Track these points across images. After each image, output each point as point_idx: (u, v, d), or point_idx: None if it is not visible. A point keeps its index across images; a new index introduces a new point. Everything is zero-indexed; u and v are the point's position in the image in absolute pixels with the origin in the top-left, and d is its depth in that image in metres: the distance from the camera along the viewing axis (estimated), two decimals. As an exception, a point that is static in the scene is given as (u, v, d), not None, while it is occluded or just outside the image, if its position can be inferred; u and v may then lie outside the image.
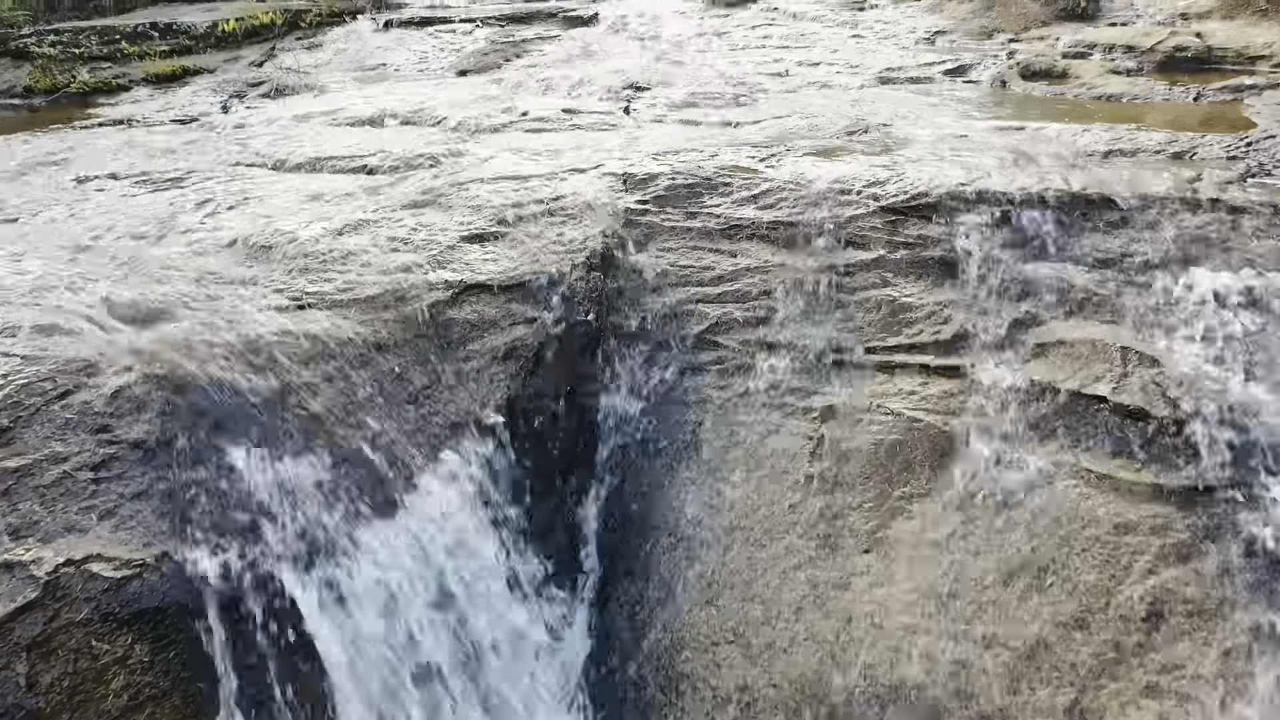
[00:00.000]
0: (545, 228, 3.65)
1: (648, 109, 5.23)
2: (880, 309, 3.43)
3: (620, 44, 7.17)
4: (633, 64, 6.32)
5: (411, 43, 7.54)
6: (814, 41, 6.88)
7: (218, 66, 6.95)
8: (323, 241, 3.47)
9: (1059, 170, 3.88)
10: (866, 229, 3.62)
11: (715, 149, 4.31)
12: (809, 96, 5.47)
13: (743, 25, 7.54)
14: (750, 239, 3.70)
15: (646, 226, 3.76)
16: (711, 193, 3.89)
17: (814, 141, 4.43)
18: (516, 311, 3.32)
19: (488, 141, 4.71)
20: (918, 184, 3.74)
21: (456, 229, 3.59)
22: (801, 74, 6.03)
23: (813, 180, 3.85)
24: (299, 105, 5.74)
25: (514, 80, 6.15)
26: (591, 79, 5.85)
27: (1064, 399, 3.02)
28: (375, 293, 3.20)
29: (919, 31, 6.99)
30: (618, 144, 4.52)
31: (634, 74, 5.97)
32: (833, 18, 7.48)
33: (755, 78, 5.90)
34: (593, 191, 3.88)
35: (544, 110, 5.16)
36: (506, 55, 6.89)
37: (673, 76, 5.93)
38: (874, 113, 4.96)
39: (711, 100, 5.33)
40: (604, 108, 5.27)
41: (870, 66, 6.11)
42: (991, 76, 5.76)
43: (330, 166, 4.43)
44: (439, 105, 5.47)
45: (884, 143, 4.39)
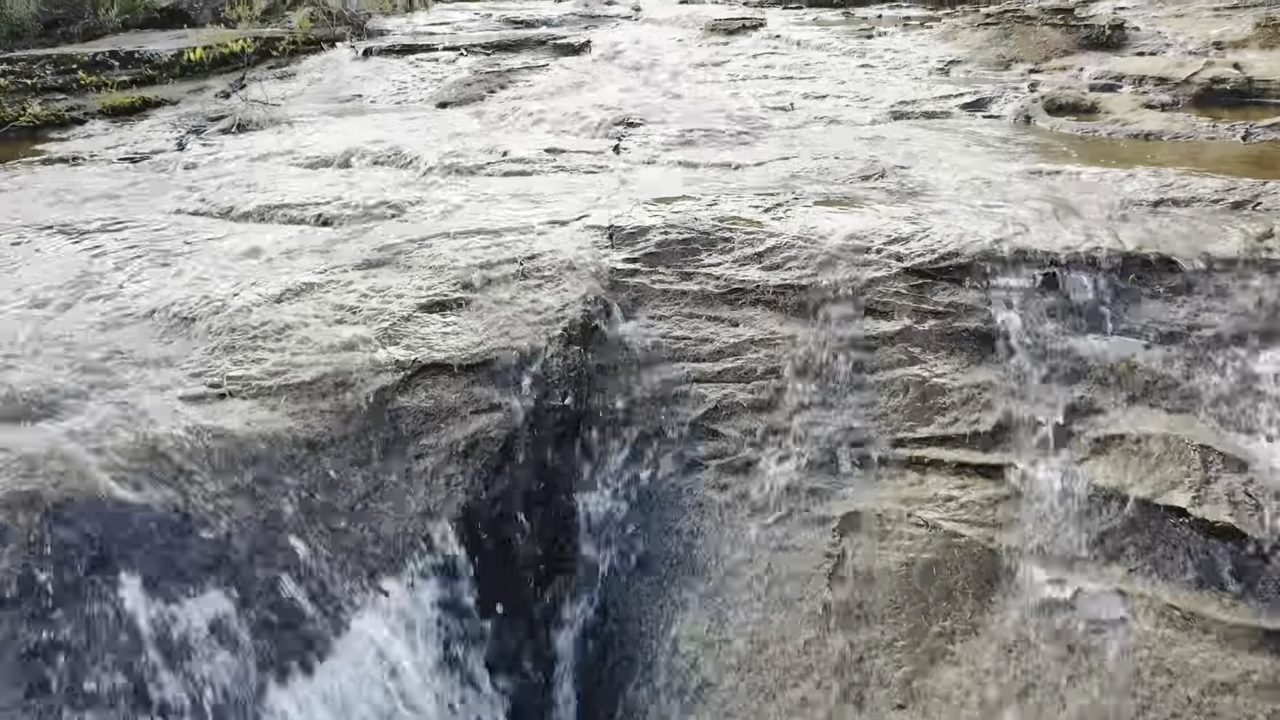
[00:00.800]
0: (517, 293, 3.16)
1: (640, 148, 4.75)
2: (907, 392, 2.93)
3: (613, 74, 6.71)
4: (625, 96, 5.86)
5: (391, 72, 7.09)
6: (820, 72, 6.43)
7: (181, 98, 6.49)
8: (257, 311, 2.98)
9: (1106, 224, 3.40)
10: (889, 295, 3.13)
11: (714, 196, 3.83)
12: (817, 134, 4.99)
13: (743, 54, 7.09)
14: (754, 305, 3.21)
15: (635, 290, 3.26)
16: (710, 249, 3.40)
17: (825, 188, 3.95)
18: (480, 397, 2.82)
19: (461, 186, 4.23)
20: (946, 241, 3.25)
21: (414, 295, 3.10)
22: (808, 108, 5.56)
23: (825, 236, 3.36)
24: (261, 142, 5.26)
25: (497, 113, 5.68)
26: (580, 113, 5.38)
27: (1133, 511, 2.52)
28: (312, 376, 2.70)
29: (932, 61, 6.53)
30: (605, 189, 4.04)
31: (626, 107, 5.50)
32: (839, 46, 7.03)
33: (758, 112, 5.43)
34: (574, 248, 3.39)
35: (526, 149, 4.69)
36: (491, 86, 6.44)
37: (668, 110, 5.47)
38: (889, 153, 4.48)
39: (710, 138, 4.85)
40: (592, 146, 4.79)
41: (882, 99, 5.65)
42: (1014, 111, 5.29)
43: (282, 216, 3.94)
44: (413, 142, 4.99)
45: (903, 189, 3.91)
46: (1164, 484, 2.54)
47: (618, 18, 9.06)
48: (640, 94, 5.91)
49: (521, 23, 8.83)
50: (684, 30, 8.23)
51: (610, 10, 9.40)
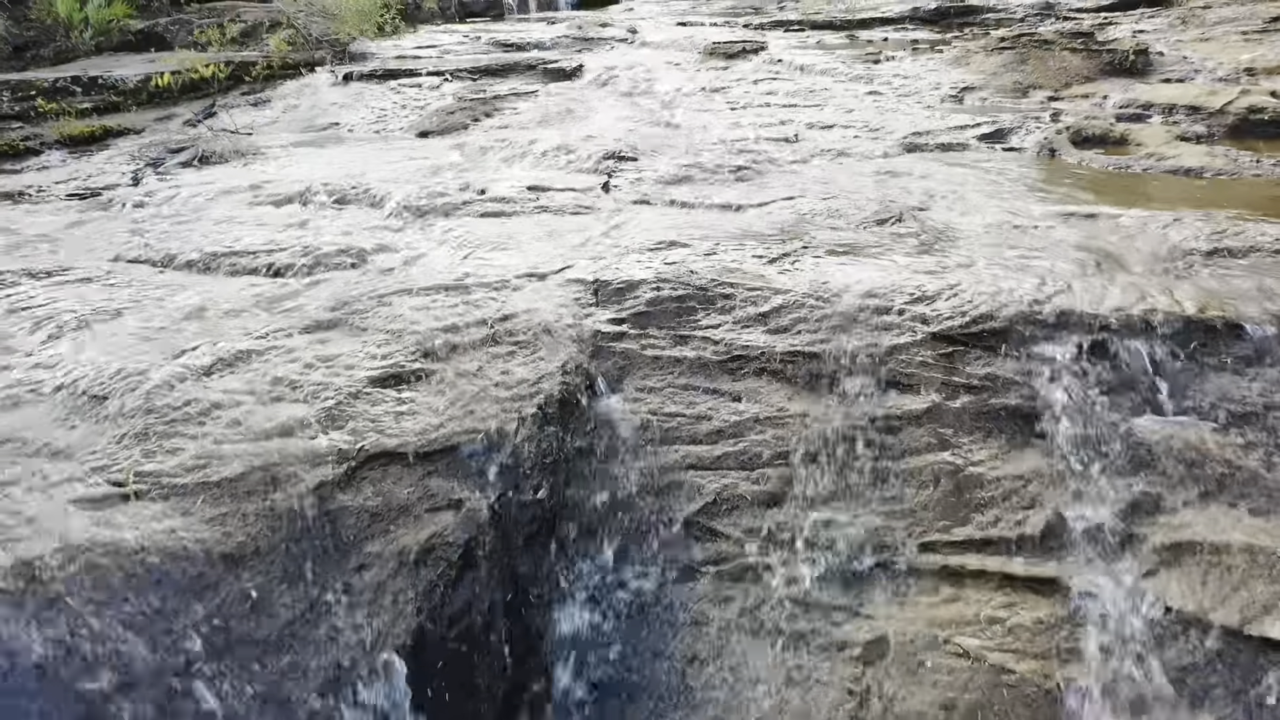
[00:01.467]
0: (486, 362, 2.74)
1: (631, 185, 4.35)
2: (939, 483, 2.51)
3: (605, 101, 6.33)
4: (617, 126, 5.46)
5: (371, 99, 6.70)
6: (826, 99, 6.04)
7: (146, 127, 6.10)
8: (181, 388, 2.56)
9: (1158, 280, 3.00)
10: (914, 365, 2.72)
11: (713, 243, 3.43)
12: (824, 169, 4.59)
13: (744, 80, 6.71)
14: (759, 376, 2.79)
15: (622, 357, 2.85)
16: (708, 308, 2.99)
17: (835, 234, 3.54)
18: (438, 491, 2.40)
19: (432, 229, 3.82)
20: (977, 301, 2.84)
21: (366, 365, 2.68)
22: (813, 139, 5.16)
23: (839, 292, 2.95)
24: (222, 176, 4.86)
25: (479, 145, 5.29)
26: (568, 145, 4.99)
27: (1217, 642, 2.10)
28: (237, 471, 2.28)
29: (944, 88, 6.15)
30: (591, 235, 3.63)
31: (618, 138, 5.11)
32: (845, 71, 6.65)
33: (760, 144, 5.03)
34: (553, 306, 2.98)
35: (507, 186, 4.28)
36: (475, 114, 6.05)
37: (663, 142, 5.07)
38: (905, 191, 4.08)
39: (708, 174, 4.45)
40: (579, 183, 4.39)
41: (893, 130, 5.26)
42: (1037, 143, 4.89)
43: (229, 265, 3.53)
44: (385, 177, 4.59)
45: (924, 235, 3.51)
46: (1252, 607, 2.12)
47: (612, 40, 8.70)
48: (633, 124, 5.52)
49: (511, 46, 8.46)
50: (681, 54, 7.87)
51: (604, 33, 9.04)
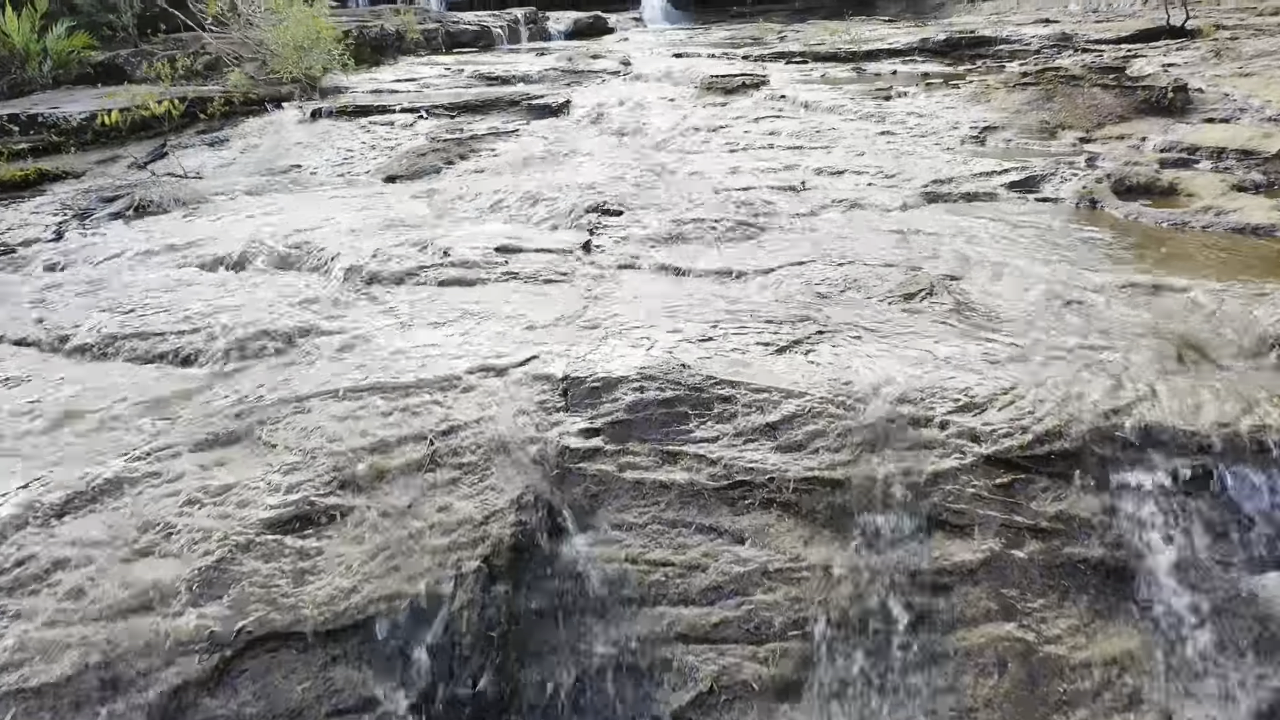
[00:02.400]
0: (421, 494, 2.17)
1: (616, 245, 3.79)
2: (1005, 670, 1.92)
3: (593, 141, 5.78)
4: (605, 171, 4.91)
5: (339, 138, 6.16)
6: (834, 139, 5.50)
7: (87, 170, 5.55)
8: (17, 536, 1.98)
9: (1260, 380, 2.43)
10: (964, 498, 2.14)
11: (709, 323, 2.85)
12: (836, 224, 4.03)
13: (744, 117, 6.17)
14: (767, 509, 2.21)
15: (596, 482, 2.27)
16: (703, 415, 2.41)
17: (855, 311, 2.97)
18: (343, 686, 1.82)
19: (379, 303, 3.25)
20: (1040, 410, 2.27)
21: (265, 503, 2.10)
22: (822, 187, 4.61)
23: (865, 397, 2.38)
24: (155, 231, 4.30)
25: (450, 193, 4.73)
26: (548, 194, 4.43)
27: None
28: (65, 671, 1.71)
29: (963, 127, 5.61)
30: (565, 312, 3.06)
31: (604, 186, 4.55)
32: (853, 108, 6.12)
33: (762, 193, 4.48)
34: (511, 413, 2.40)
35: (474, 246, 3.72)
36: (449, 155, 5.50)
37: (654, 191, 4.51)
38: (932, 254, 3.52)
39: (705, 231, 3.89)
40: (557, 242, 3.83)
41: (911, 176, 4.70)
42: (1075, 193, 4.34)
43: (130, 350, 2.95)
44: (337, 233, 4.03)
45: (961, 314, 2.93)
46: None
47: (604, 74, 8.19)
48: (622, 168, 4.96)
49: (495, 79, 7.95)
50: (676, 88, 7.35)
51: (596, 65, 8.53)
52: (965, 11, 15.83)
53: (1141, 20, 9.80)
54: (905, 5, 16.97)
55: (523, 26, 12.47)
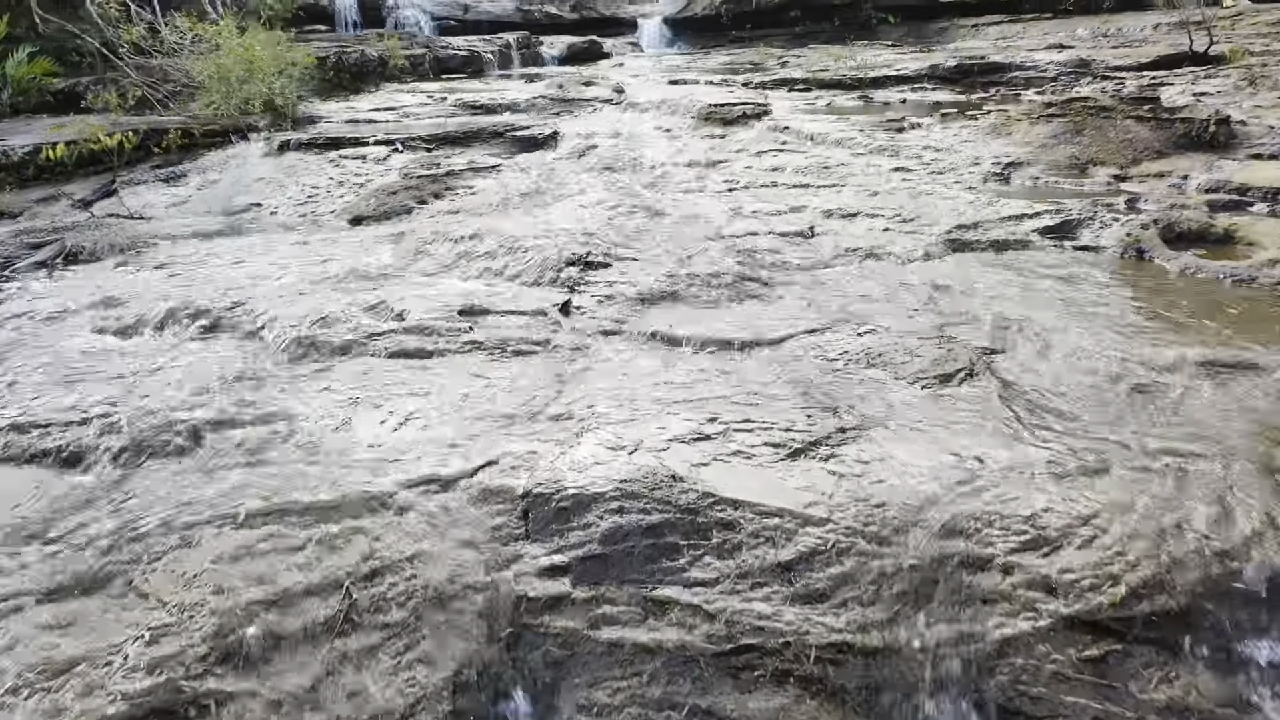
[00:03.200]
0: (326, 672, 1.66)
1: (600, 305, 3.29)
2: None
3: (580, 178, 5.30)
4: (592, 213, 4.43)
5: (306, 173, 5.68)
6: (844, 177, 5.02)
7: (25, 209, 5.06)
8: None
9: (1402, 502, 1.91)
10: (1042, 677, 1.64)
11: (706, 415, 2.35)
12: (852, 278, 3.54)
13: (745, 150, 5.70)
14: (780, 685, 1.71)
15: (559, 644, 1.76)
16: (698, 546, 1.91)
17: (881, 396, 2.47)
18: None
19: (313, 381, 2.75)
20: (1132, 552, 1.78)
21: (116, 687, 1.59)
22: (834, 232, 4.12)
23: (903, 526, 1.88)
24: (79, 285, 3.81)
25: (419, 238, 4.25)
26: (526, 241, 3.94)
27: None
28: None
29: (985, 163, 5.13)
30: (534, 397, 2.56)
31: (590, 231, 4.06)
32: (864, 142, 5.64)
33: (767, 239, 3.99)
34: (455, 546, 1.90)
35: (435, 307, 3.22)
36: (422, 194, 5.02)
37: (645, 237, 4.02)
38: (967, 318, 3.03)
39: (702, 287, 3.39)
40: (531, 300, 3.33)
41: (931, 219, 4.22)
42: (1119, 241, 3.85)
43: (5, 446, 2.44)
44: (282, 289, 3.54)
45: (1010, 400, 2.43)
46: None
47: (595, 102, 7.73)
48: (610, 210, 4.48)
49: (480, 108, 7.49)
50: (672, 118, 6.88)
51: (587, 93, 8.08)
52: (970, 36, 15.47)
53: (1160, 46, 9.38)
54: (908, 30, 16.61)
55: (515, 52, 12.06)
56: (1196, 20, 8.17)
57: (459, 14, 16.55)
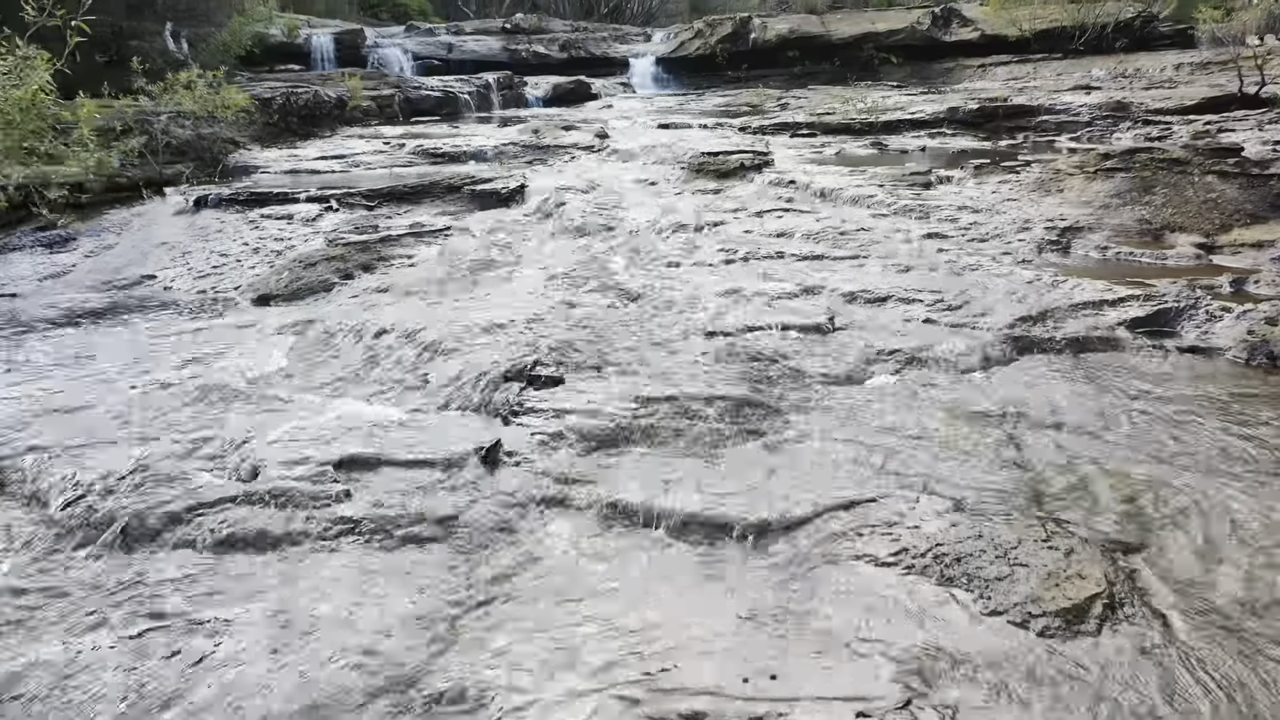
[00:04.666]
0: None
1: (540, 450, 2.33)
2: None
3: (543, 246, 4.38)
4: (549, 297, 3.49)
5: (219, 236, 4.75)
6: (866, 245, 4.09)
7: None
8: None
9: None
10: None
11: (685, 713, 1.38)
12: (893, 401, 2.59)
13: (744, 210, 4.78)
14: None
15: None
16: None
17: (977, 662, 1.50)
18: None
19: (95, 591, 1.78)
20: None
21: None
22: (860, 324, 3.18)
23: None
24: None
25: (324, 330, 3.31)
26: (459, 339, 3.00)
27: None
28: None
29: (1036, 227, 4.21)
30: (411, 646, 1.59)
31: (544, 324, 3.13)
32: (885, 200, 4.72)
33: (774, 337, 3.05)
34: None
35: (305, 456, 2.26)
36: (348, 266, 4.08)
37: (615, 334, 3.08)
38: (1068, 478, 2.08)
39: (685, 419, 2.44)
40: (445, 440, 2.38)
41: (984, 306, 3.29)
42: (1238, 340, 2.92)
43: None
44: (117, 413, 2.59)
45: (1175, 657, 1.47)
46: None
47: (574, 149, 6.84)
48: (574, 290, 3.54)
49: (441, 156, 6.58)
50: (660, 168, 5.98)
51: (566, 139, 7.19)
52: (977, 77, 14.73)
53: (1196, 87, 8.55)
54: (911, 71, 15.87)
55: (495, 93, 11.23)
56: (1248, 57, 7.33)
57: (442, 53, 15.81)
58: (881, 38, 16.41)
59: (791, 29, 16.09)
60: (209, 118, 5.95)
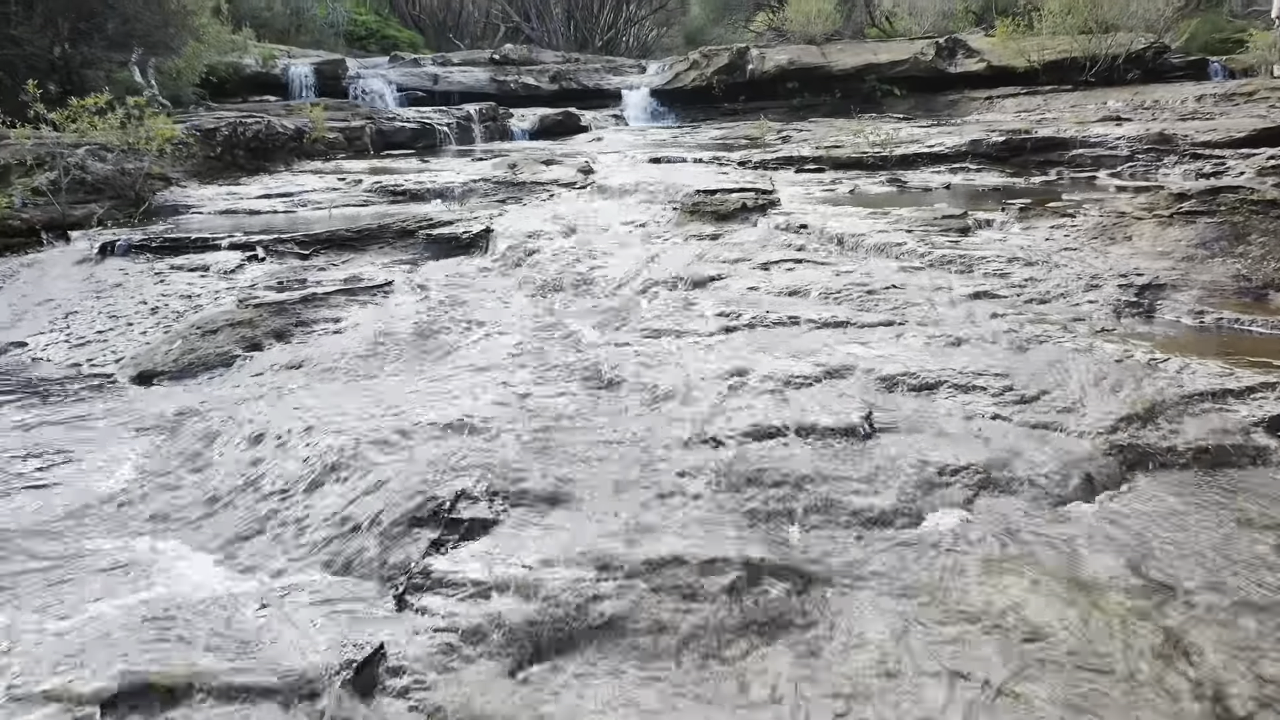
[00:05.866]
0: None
1: (443, 655, 1.51)
2: None
3: (505, 304, 3.59)
4: (496, 385, 2.69)
5: (117, 291, 3.96)
6: (900, 308, 3.30)
7: None
8: None
9: None
10: None
11: None
12: (957, 552, 1.77)
13: (747, 261, 3.99)
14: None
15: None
16: None
17: None
18: None
19: None
20: None
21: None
22: (905, 424, 2.38)
23: None
24: None
25: (205, 425, 2.50)
26: (371, 450, 2.19)
27: None
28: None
29: (1107, 284, 3.42)
30: None
31: (484, 423, 2.31)
32: (917, 248, 3.94)
33: (791, 445, 2.24)
34: None
35: (83, 659, 1.43)
36: (257, 333, 3.29)
37: (575, 442, 2.27)
38: None
39: (669, 588, 1.63)
40: (315, 625, 1.56)
41: (1068, 399, 2.49)
42: None
43: None
44: None
45: None
46: None
47: (554, 185, 6.07)
48: (530, 375, 2.74)
49: (403, 194, 5.81)
50: (648, 209, 5.20)
51: (545, 174, 6.42)
52: (985, 110, 14.08)
53: (1237, 118, 7.84)
54: (915, 103, 15.21)
55: (476, 125, 10.51)
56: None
57: (427, 84, 15.14)
58: (884, 69, 15.78)
59: (790, 60, 15.45)
60: (135, 151, 5.18)
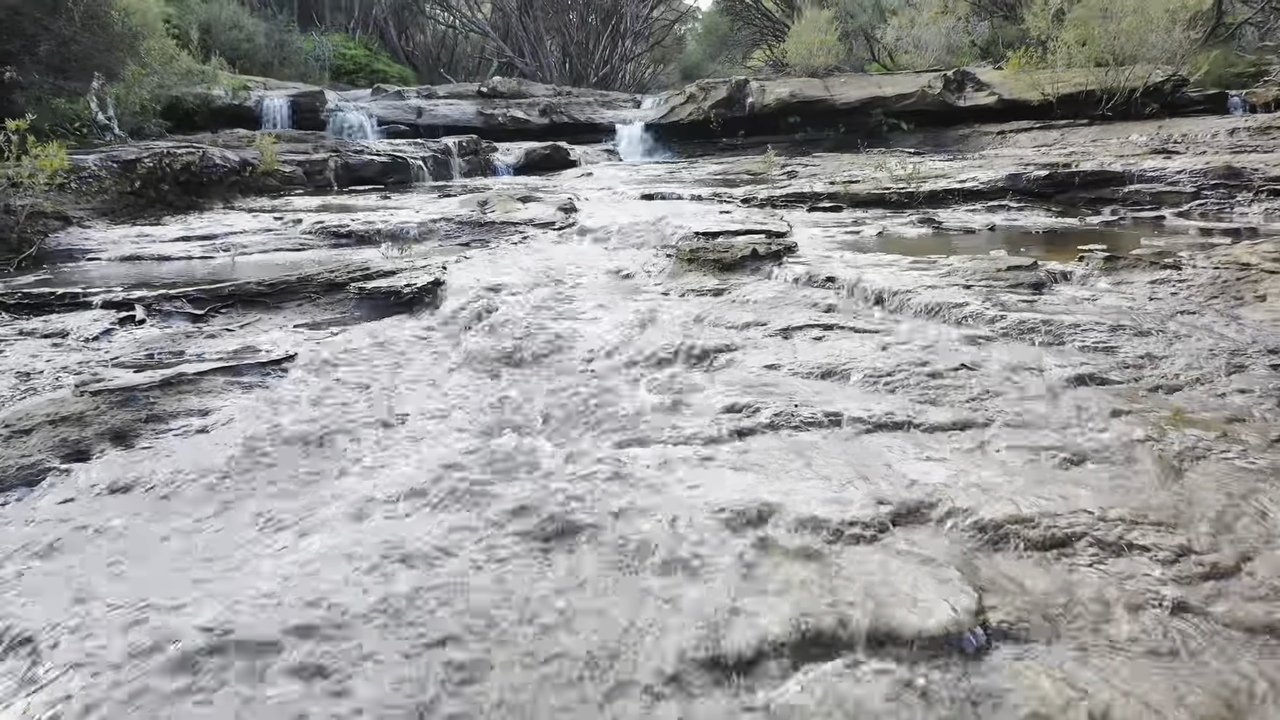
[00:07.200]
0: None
1: None
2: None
3: (439, 389, 2.67)
4: (399, 537, 1.75)
5: (-58, 366, 3.03)
6: (977, 399, 2.38)
7: None
8: None
9: None
10: None
11: None
12: None
13: (761, 326, 3.08)
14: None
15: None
16: None
17: None
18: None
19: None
20: None
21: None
22: (1033, 620, 1.44)
23: None
24: None
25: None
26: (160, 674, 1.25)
27: None
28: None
29: (1257, 365, 2.52)
30: None
31: (346, 617, 1.37)
32: (983, 311, 3.03)
33: (855, 684, 1.30)
34: None
35: None
36: (88, 433, 2.37)
37: (505, 644, 1.33)
38: None
39: None
40: None
41: (1275, 567, 1.54)
42: None
43: None
44: None
45: None
46: None
47: (528, 226, 5.18)
48: (458, 515, 1.81)
49: (347, 236, 4.92)
50: (637, 255, 4.30)
51: (519, 214, 5.54)
52: (998, 144, 13.33)
53: (1300, 151, 7.00)
54: (924, 138, 14.47)
55: (455, 158, 9.66)
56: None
57: (411, 118, 14.36)
58: (890, 102, 15.05)
59: (792, 92, 14.69)
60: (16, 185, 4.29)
